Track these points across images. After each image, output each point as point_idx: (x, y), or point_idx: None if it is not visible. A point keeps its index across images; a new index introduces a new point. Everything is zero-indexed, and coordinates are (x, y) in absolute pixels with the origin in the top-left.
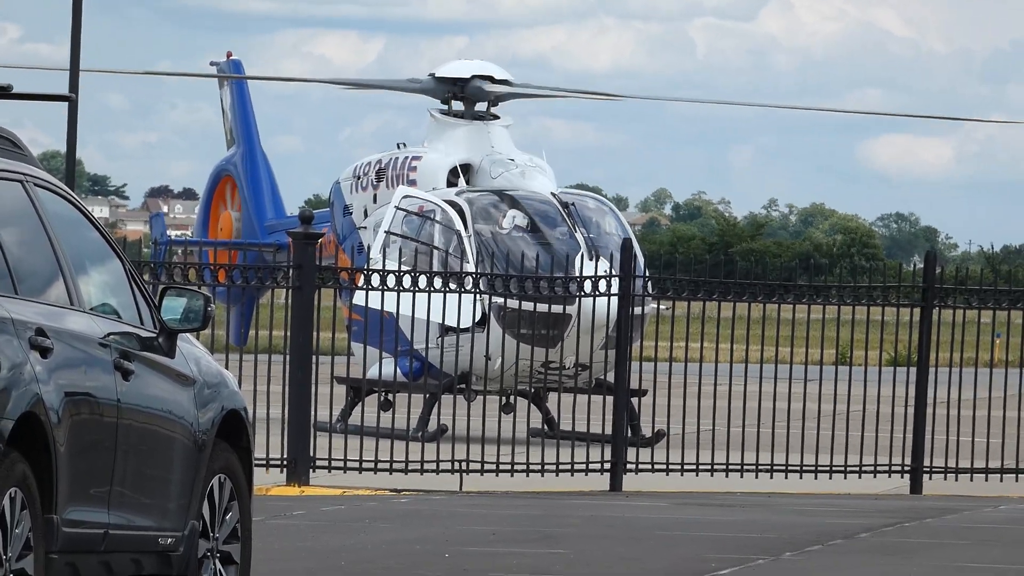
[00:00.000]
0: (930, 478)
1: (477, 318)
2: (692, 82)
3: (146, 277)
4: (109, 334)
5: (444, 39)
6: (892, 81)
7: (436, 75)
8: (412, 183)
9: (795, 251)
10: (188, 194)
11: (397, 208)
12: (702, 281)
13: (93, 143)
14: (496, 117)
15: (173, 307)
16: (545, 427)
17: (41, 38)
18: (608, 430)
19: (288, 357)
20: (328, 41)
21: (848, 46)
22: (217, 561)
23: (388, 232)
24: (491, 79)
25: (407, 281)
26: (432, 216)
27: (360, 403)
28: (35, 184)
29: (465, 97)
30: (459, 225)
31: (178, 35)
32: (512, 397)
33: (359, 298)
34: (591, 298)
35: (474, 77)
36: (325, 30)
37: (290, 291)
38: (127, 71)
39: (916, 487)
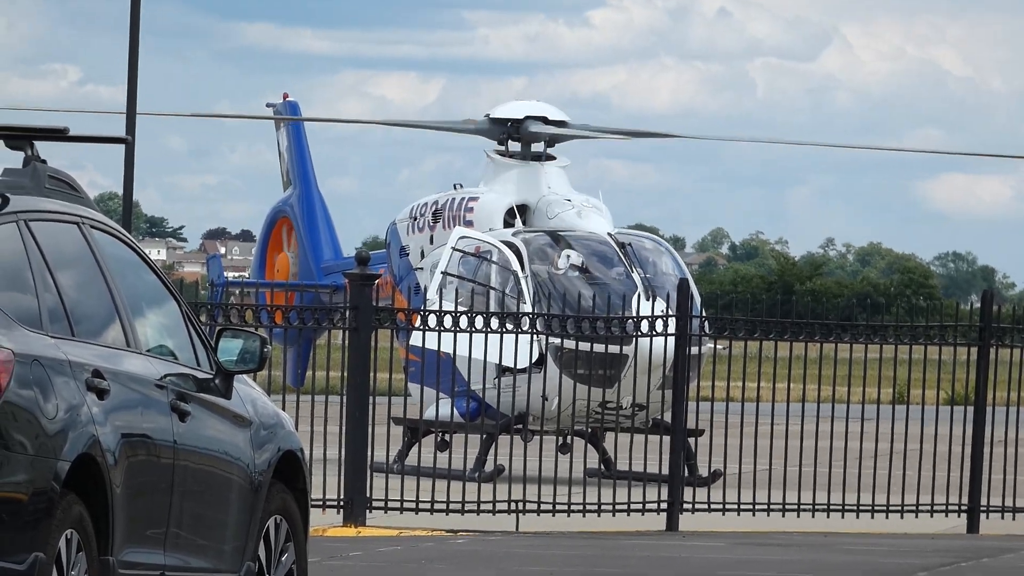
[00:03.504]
0: (987, 517)
1: (534, 359)
2: (751, 121)
3: (203, 318)
4: (166, 375)
5: (504, 80)
6: (951, 120)
7: (491, 116)
8: (469, 224)
9: (853, 290)
10: (245, 236)
11: (454, 249)
12: (760, 321)
13: (151, 185)
14: (553, 158)
15: (229, 348)
16: (602, 467)
17: (101, 80)
18: (665, 470)
19: (345, 398)
20: (387, 82)
21: (907, 85)
22: None
23: (445, 273)
24: (545, 119)
25: (463, 322)
26: (489, 257)
27: (417, 444)
28: (91, 226)
29: (520, 138)
30: (516, 265)
31: (237, 76)
32: (569, 437)
33: (416, 339)
34: (648, 338)
35: (527, 118)
36: (385, 71)
37: (347, 332)
38: (181, 113)
39: (973, 526)
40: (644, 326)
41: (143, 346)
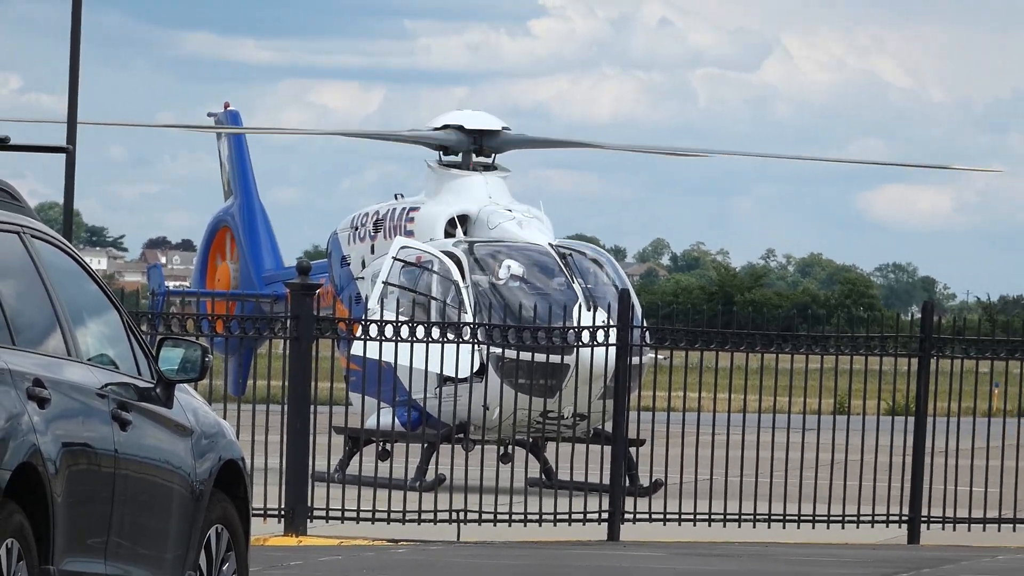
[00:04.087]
0: (928, 528)
1: (475, 368)
2: (693, 131)
3: (144, 328)
4: (107, 384)
5: (445, 89)
6: (891, 131)
7: (465, 127)
8: (410, 234)
9: (794, 301)
10: (186, 245)
11: (395, 259)
12: (700, 331)
13: (92, 194)
14: (494, 168)
15: (170, 357)
16: (543, 477)
17: (42, 89)
18: (606, 480)
19: (286, 407)
20: (329, 91)
21: (848, 96)
22: None
23: (386, 283)
24: (503, 130)
25: (405, 331)
26: (430, 267)
27: (358, 453)
28: (32, 236)
29: (481, 148)
30: (457, 275)
31: (178, 86)
32: (510, 447)
33: (357, 348)
34: (589, 348)
35: (504, 129)
36: (325, 80)
37: (288, 341)
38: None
39: (914, 537)
40: (585, 336)
41: (84, 355)
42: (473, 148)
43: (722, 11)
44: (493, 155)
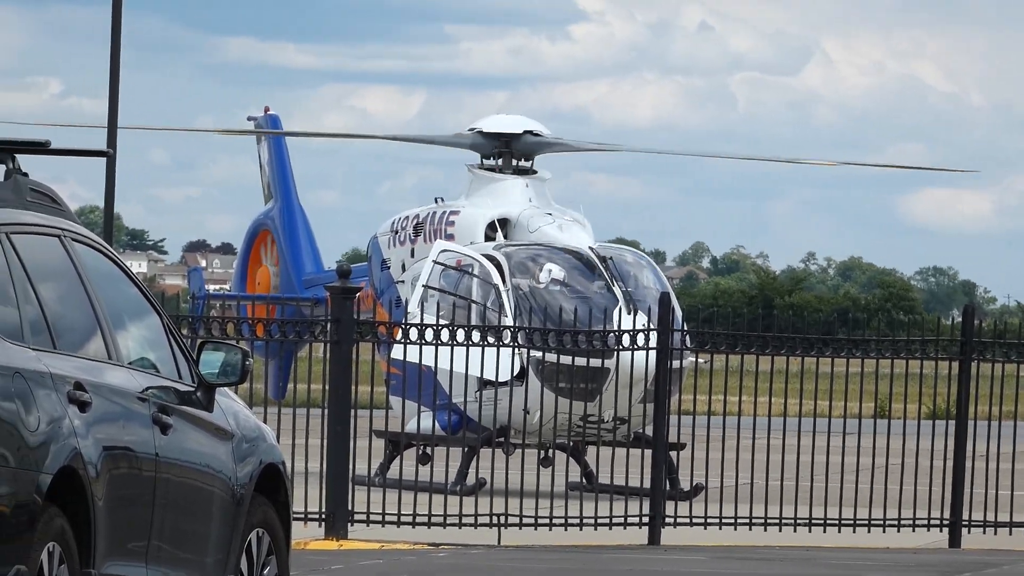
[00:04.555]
0: (969, 532)
1: (516, 372)
2: (733, 135)
3: (184, 331)
4: (147, 388)
5: (486, 93)
6: (932, 135)
7: (484, 131)
8: (450, 237)
9: (834, 305)
10: (226, 248)
11: (435, 262)
12: (741, 335)
13: (133, 198)
14: (534, 171)
15: (211, 361)
16: (584, 481)
17: (84, 93)
18: (647, 484)
19: (326, 411)
20: (370, 95)
21: (888, 100)
22: None
23: (426, 286)
24: (535, 134)
25: (445, 335)
26: (470, 270)
27: (399, 457)
28: (73, 239)
29: (511, 152)
30: (497, 279)
31: (219, 90)
32: (551, 451)
33: (397, 352)
34: (629, 352)
35: (526, 133)
36: (366, 84)
37: (328, 345)
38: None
39: (955, 541)
40: (625, 340)
41: (125, 359)
42: (496, 151)
43: (762, 15)
44: (532, 159)
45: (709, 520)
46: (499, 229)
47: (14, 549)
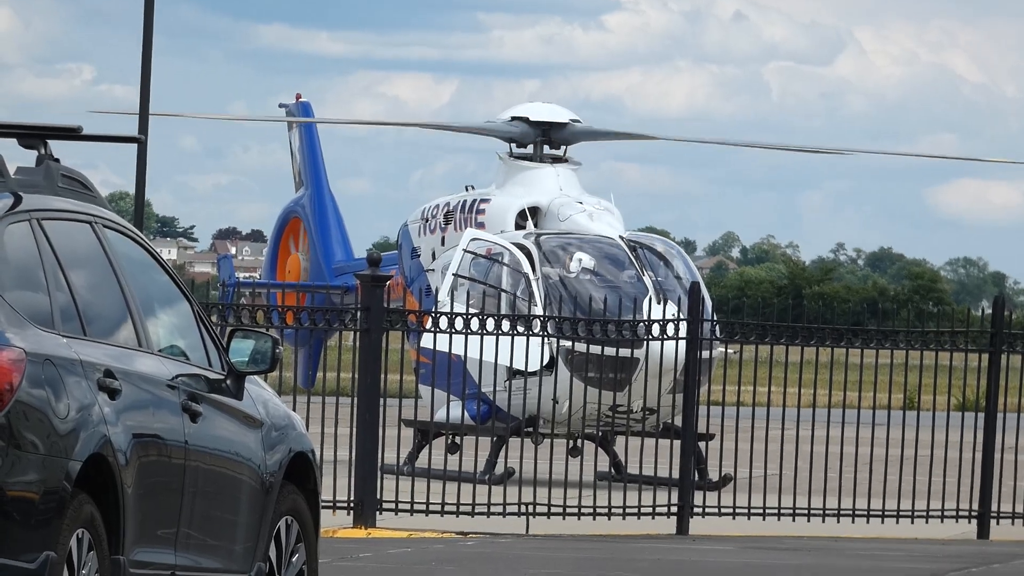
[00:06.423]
0: (998, 523)
1: (545, 361)
2: (765, 125)
3: (214, 319)
4: (177, 376)
5: (517, 81)
6: (963, 125)
7: (531, 119)
8: (480, 226)
9: (863, 296)
10: (256, 236)
11: (465, 251)
12: (771, 325)
13: (163, 185)
14: (565, 160)
15: (241, 349)
16: (612, 471)
17: (115, 80)
18: (675, 474)
19: (356, 399)
20: (401, 83)
21: (920, 90)
22: None
23: (456, 275)
24: (574, 122)
25: (475, 324)
26: (500, 259)
27: (427, 446)
28: (104, 225)
29: (549, 140)
30: (527, 268)
31: (251, 77)
32: (579, 440)
33: (427, 341)
34: (659, 342)
35: (571, 121)
36: (398, 72)
37: (358, 333)
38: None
39: (983, 532)
40: (655, 330)
41: (155, 346)
42: (540, 140)
43: (796, 5)
44: (564, 147)
45: (737, 510)
46: (529, 217)
47: (44, 535)
